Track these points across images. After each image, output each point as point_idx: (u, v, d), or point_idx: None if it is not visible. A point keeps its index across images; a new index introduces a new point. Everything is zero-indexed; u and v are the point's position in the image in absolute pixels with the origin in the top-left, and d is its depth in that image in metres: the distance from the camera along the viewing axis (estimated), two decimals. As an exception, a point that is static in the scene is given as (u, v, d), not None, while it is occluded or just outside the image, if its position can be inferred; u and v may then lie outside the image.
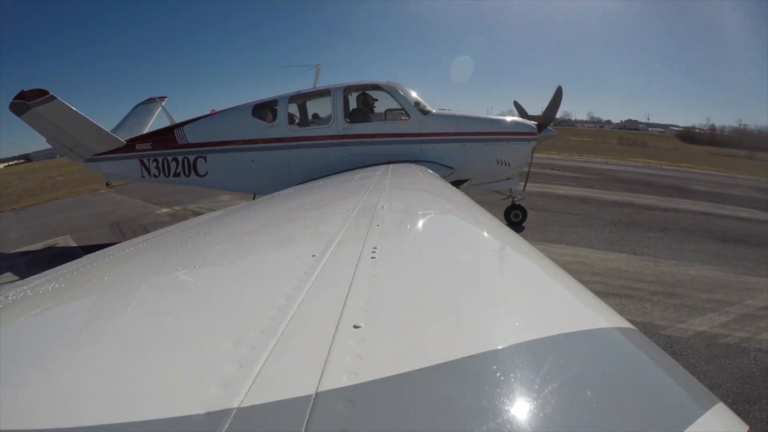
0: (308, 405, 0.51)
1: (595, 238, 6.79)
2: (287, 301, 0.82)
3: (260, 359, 0.62)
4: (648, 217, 8.44)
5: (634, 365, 0.69)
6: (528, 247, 1.36)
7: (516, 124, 6.50)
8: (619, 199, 10.29)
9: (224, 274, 1.25)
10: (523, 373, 0.61)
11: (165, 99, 9.37)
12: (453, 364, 0.60)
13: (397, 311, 0.80)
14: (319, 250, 1.18)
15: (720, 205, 10.49)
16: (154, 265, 1.50)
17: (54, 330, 0.92)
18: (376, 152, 6.02)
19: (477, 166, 6.23)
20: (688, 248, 6.40)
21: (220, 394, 0.54)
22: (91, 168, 7.26)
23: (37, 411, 0.56)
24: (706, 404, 0.56)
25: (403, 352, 0.64)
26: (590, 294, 0.94)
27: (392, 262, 1.12)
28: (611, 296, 4.53)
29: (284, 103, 6.36)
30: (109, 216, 9.84)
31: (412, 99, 6.28)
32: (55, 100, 6.04)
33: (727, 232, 7.60)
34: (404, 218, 1.95)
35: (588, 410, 0.54)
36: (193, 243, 1.82)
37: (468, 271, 1.12)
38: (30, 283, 1.20)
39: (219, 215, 2.48)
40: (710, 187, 13.77)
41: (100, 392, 0.60)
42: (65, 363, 0.72)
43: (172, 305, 0.99)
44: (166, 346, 0.73)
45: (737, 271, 5.50)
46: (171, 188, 9.70)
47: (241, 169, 6.50)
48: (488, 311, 0.84)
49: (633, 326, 0.79)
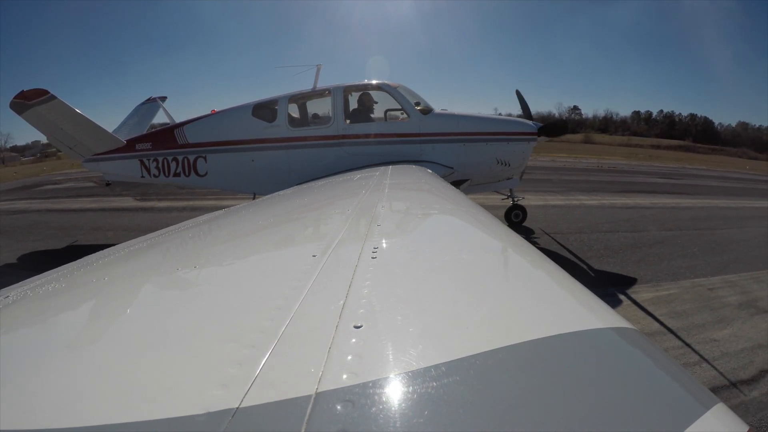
0: (308, 405, 0.51)
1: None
2: (287, 302, 0.82)
3: (260, 359, 0.62)
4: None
5: (633, 365, 0.69)
6: (528, 248, 1.36)
7: (516, 123, 6.51)
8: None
9: (224, 274, 1.25)
10: (523, 373, 0.61)
11: (165, 99, 9.37)
12: (453, 364, 0.60)
13: (397, 311, 0.80)
14: (319, 250, 1.18)
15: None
16: (154, 265, 1.50)
17: (54, 330, 0.92)
18: (376, 152, 6.02)
19: (477, 166, 6.23)
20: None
21: (220, 394, 0.54)
22: (90, 167, 7.26)
23: (37, 411, 0.56)
24: (706, 404, 0.56)
25: (403, 352, 0.64)
26: (590, 294, 0.94)
27: (392, 262, 1.12)
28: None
29: (284, 103, 6.36)
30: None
31: (412, 99, 6.28)
32: (55, 100, 6.04)
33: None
34: (404, 218, 1.95)
35: (587, 411, 0.54)
36: (193, 243, 1.82)
37: (468, 272, 1.12)
38: (30, 283, 1.20)
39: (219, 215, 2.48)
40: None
41: (99, 392, 0.60)
42: (65, 363, 0.72)
43: (172, 305, 0.99)
44: (166, 346, 0.73)
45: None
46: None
47: (241, 169, 6.50)
48: (488, 311, 0.84)
49: (633, 326, 0.79)
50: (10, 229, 8.56)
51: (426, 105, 6.38)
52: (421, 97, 6.52)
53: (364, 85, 6.48)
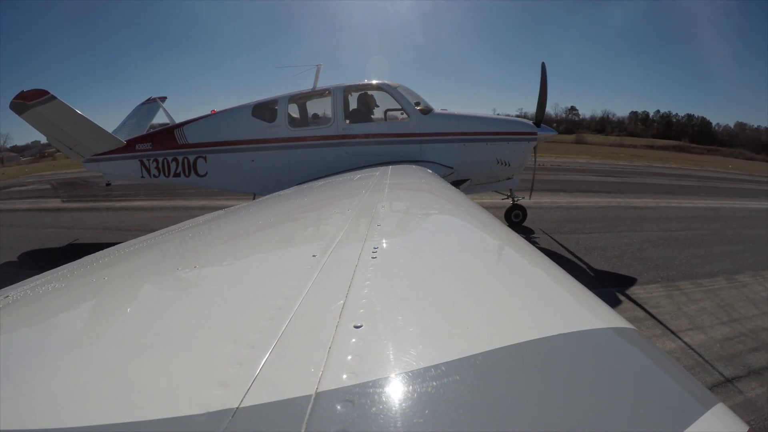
0: (308, 405, 0.51)
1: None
2: (287, 302, 0.82)
3: (260, 359, 0.62)
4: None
5: (633, 365, 0.69)
6: (528, 248, 1.36)
7: (516, 123, 6.51)
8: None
9: (224, 274, 1.25)
10: (523, 373, 0.61)
11: (165, 99, 9.38)
12: (453, 364, 0.60)
13: (397, 311, 0.80)
14: (319, 250, 1.18)
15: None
16: (154, 265, 1.50)
17: (54, 330, 0.92)
18: (376, 152, 6.02)
19: (477, 166, 6.23)
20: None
21: (220, 394, 0.54)
22: (90, 168, 7.26)
23: (37, 411, 0.56)
24: (706, 404, 0.56)
25: (403, 352, 0.64)
26: (590, 294, 0.94)
27: (393, 262, 1.12)
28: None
29: (284, 103, 6.36)
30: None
31: (412, 99, 6.28)
32: (55, 101, 6.04)
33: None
34: (404, 218, 1.95)
35: (587, 411, 0.54)
36: (193, 243, 1.82)
37: (468, 272, 1.12)
38: (30, 283, 1.20)
39: (219, 215, 2.48)
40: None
41: (99, 392, 0.60)
42: (65, 363, 0.72)
43: (172, 305, 0.99)
44: (166, 346, 0.73)
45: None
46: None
47: (241, 169, 6.51)
48: (488, 311, 0.84)
49: (633, 326, 0.79)
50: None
51: (426, 105, 6.38)
52: (421, 97, 6.52)
53: (364, 85, 6.48)
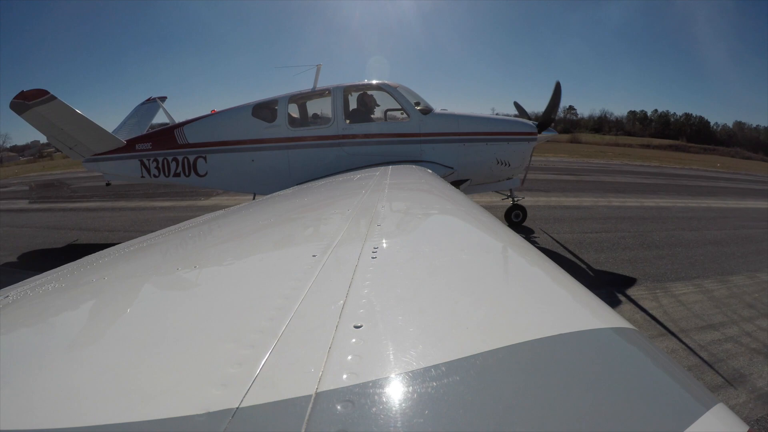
0: (308, 405, 0.51)
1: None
2: (287, 301, 0.82)
3: (260, 359, 0.62)
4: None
5: (633, 365, 0.69)
6: (528, 248, 1.36)
7: (516, 123, 6.51)
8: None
9: (224, 274, 1.25)
10: (523, 373, 0.61)
11: (165, 99, 9.38)
12: (453, 364, 0.60)
13: (397, 311, 0.80)
14: (319, 250, 1.18)
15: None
16: (154, 265, 1.49)
17: (54, 330, 0.92)
18: (376, 152, 6.02)
19: (477, 166, 6.23)
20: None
21: (220, 394, 0.54)
22: (90, 168, 7.26)
23: (37, 411, 0.56)
24: (706, 404, 0.56)
25: (403, 352, 0.64)
26: (590, 294, 0.94)
27: (393, 263, 1.12)
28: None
29: (284, 103, 6.36)
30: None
31: (412, 99, 6.28)
32: (55, 100, 6.04)
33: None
34: (404, 218, 1.95)
35: (587, 411, 0.54)
36: (193, 243, 1.82)
37: (468, 272, 1.12)
38: (30, 283, 1.20)
39: (219, 215, 2.48)
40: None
41: (99, 392, 0.60)
42: (65, 363, 0.72)
43: (172, 305, 0.99)
44: (165, 346, 0.73)
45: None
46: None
47: (241, 169, 6.51)
48: (488, 311, 0.84)
49: (633, 326, 0.79)
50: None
51: (426, 105, 6.38)
52: (421, 97, 6.52)
53: (364, 85, 6.48)
